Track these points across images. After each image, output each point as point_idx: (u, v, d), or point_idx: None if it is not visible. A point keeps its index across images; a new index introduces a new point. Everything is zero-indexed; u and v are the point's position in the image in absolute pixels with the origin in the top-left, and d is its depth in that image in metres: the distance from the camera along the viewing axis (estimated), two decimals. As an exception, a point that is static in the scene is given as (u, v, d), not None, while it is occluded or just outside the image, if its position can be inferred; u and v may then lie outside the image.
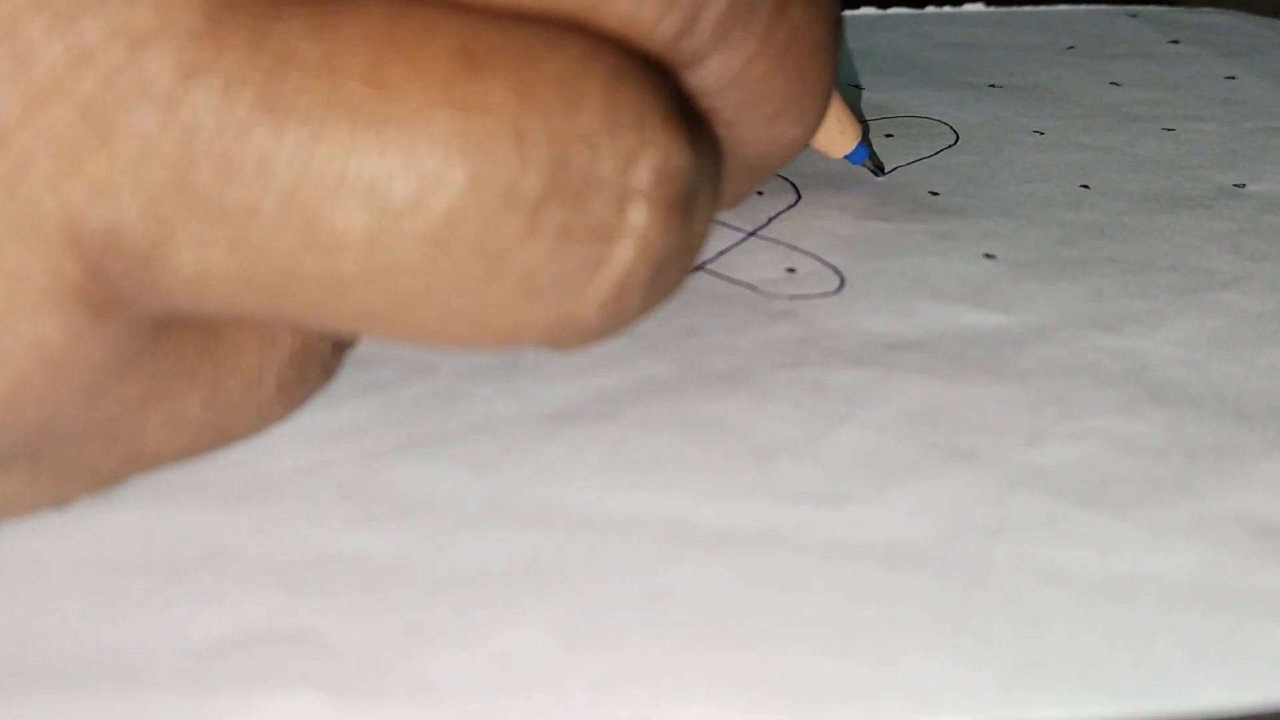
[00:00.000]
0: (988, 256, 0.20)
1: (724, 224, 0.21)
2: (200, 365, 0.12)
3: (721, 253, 0.20)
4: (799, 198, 0.22)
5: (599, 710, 0.12)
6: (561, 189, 0.10)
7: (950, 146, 0.25)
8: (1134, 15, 0.34)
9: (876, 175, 0.23)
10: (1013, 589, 0.14)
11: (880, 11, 0.34)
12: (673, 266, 0.12)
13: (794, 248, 0.21)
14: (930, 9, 0.34)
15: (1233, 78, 0.29)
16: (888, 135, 0.26)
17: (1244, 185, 0.24)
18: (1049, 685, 0.12)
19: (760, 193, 0.22)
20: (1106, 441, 0.16)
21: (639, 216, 0.11)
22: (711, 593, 0.13)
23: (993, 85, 0.29)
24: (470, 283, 0.11)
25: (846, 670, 0.13)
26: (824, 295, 0.19)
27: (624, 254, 0.11)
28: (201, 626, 0.13)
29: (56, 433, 0.12)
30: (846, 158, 0.22)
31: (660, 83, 0.11)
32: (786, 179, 0.23)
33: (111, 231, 0.10)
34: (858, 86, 0.28)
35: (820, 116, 0.15)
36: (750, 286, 0.19)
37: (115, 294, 0.11)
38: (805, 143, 0.15)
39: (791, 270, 0.20)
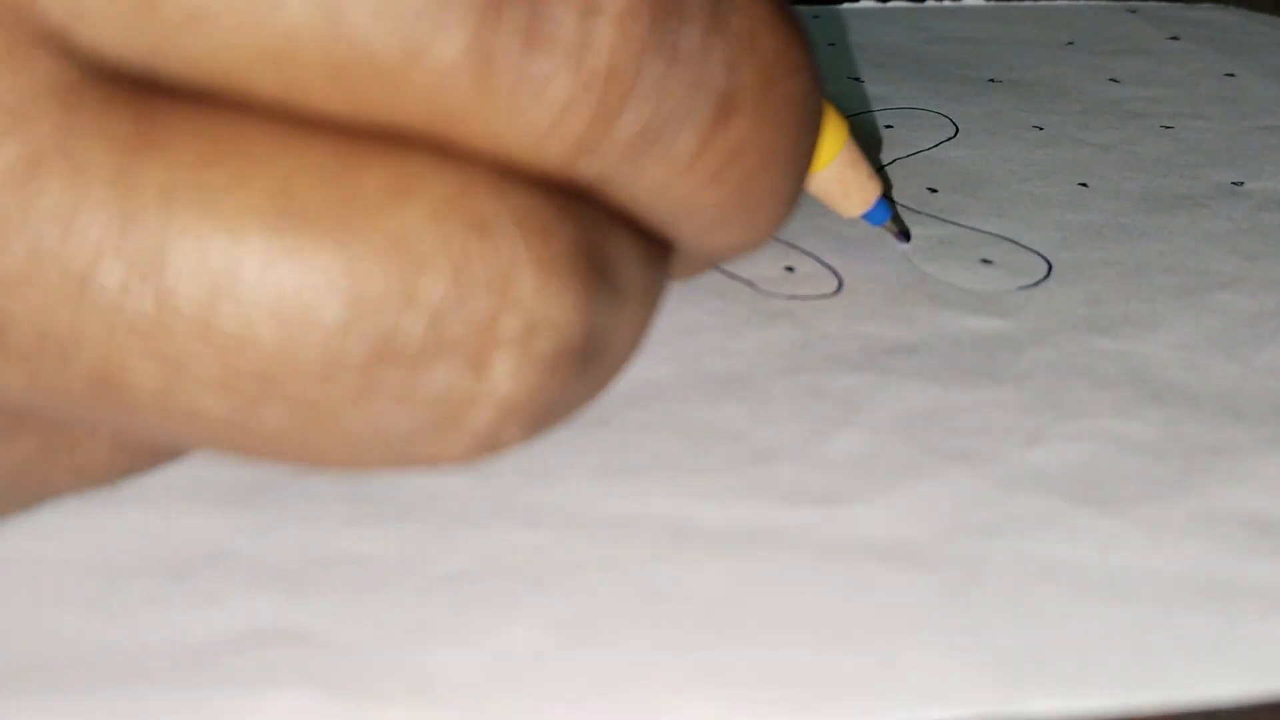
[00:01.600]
0: (985, 262, 0.20)
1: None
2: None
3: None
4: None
5: (597, 710, 0.12)
6: (395, 355, 0.10)
7: (950, 139, 0.25)
8: (1134, 11, 0.34)
9: (900, 242, 0.21)
10: (1010, 586, 0.14)
11: (880, 5, 0.34)
12: (573, 395, 0.11)
13: (793, 246, 0.21)
14: (930, 3, 0.34)
15: (1232, 75, 0.29)
16: (888, 126, 0.26)
17: (1242, 183, 0.24)
18: (1047, 680, 0.13)
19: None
20: (1104, 442, 0.16)
21: (501, 379, 0.10)
22: (709, 592, 0.13)
23: (992, 80, 0.29)
24: (292, 433, 0.10)
25: (845, 668, 0.13)
26: (822, 297, 0.19)
27: (482, 416, 0.10)
28: (202, 627, 0.13)
29: None
30: (865, 218, 0.20)
31: (545, 220, 0.10)
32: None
33: None
34: (858, 79, 0.28)
35: (778, 220, 0.13)
36: (748, 283, 0.19)
37: None
38: (758, 243, 0.13)
39: (790, 269, 0.20)
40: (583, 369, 0.11)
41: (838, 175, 0.20)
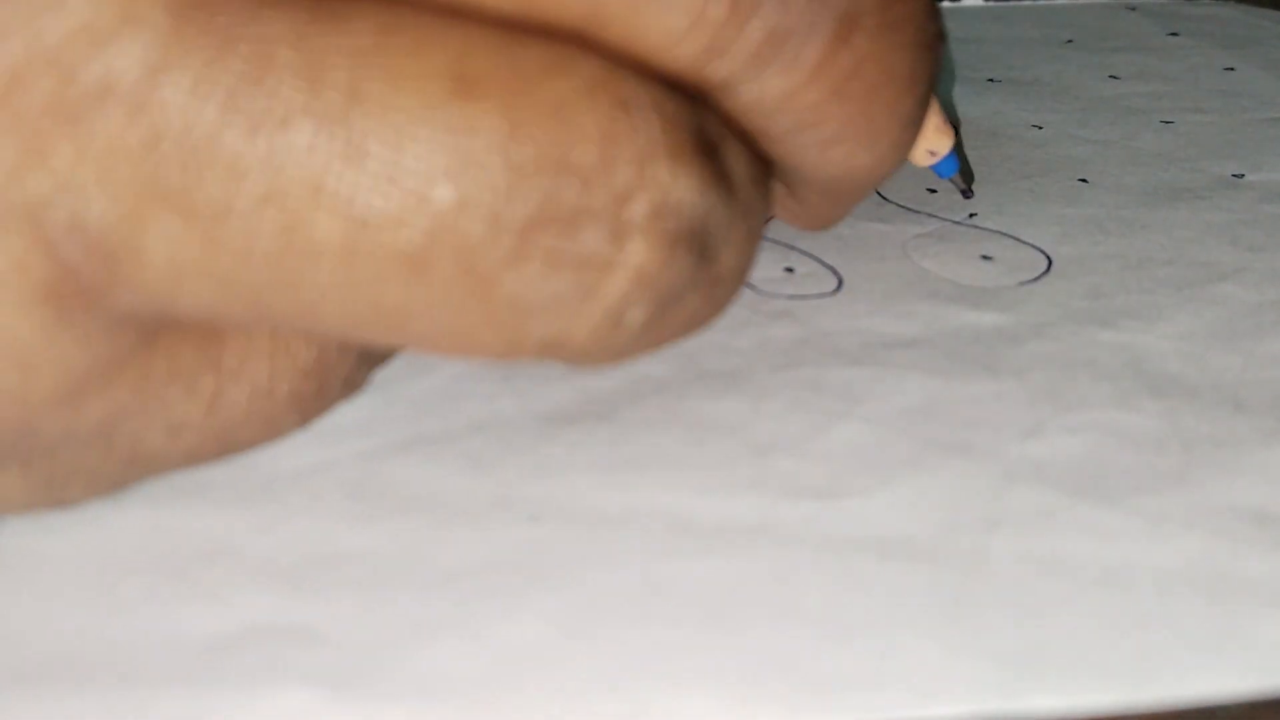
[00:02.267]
0: (985, 258, 0.20)
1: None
2: (201, 374, 0.12)
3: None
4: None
5: (598, 704, 0.12)
6: (550, 217, 0.10)
7: (949, 142, 0.25)
8: (1133, 8, 0.34)
9: (964, 197, 0.22)
10: (1010, 580, 0.14)
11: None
12: (688, 299, 0.12)
13: (792, 247, 0.21)
14: (929, 4, 0.34)
15: (1231, 69, 0.29)
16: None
17: (1243, 175, 0.24)
18: (1046, 675, 0.12)
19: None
20: (1104, 434, 0.16)
21: (635, 250, 0.11)
22: (709, 586, 0.14)
23: (991, 79, 0.29)
24: (453, 299, 0.11)
25: (844, 662, 0.13)
26: (822, 296, 0.19)
27: (616, 285, 0.11)
28: (203, 625, 0.13)
29: (42, 435, 0.11)
30: (933, 169, 0.21)
31: (676, 112, 0.11)
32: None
33: (76, 224, 0.10)
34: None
35: (900, 145, 0.14)
36: (749, 285, 0.19)
37: (86, 291, 0.10)
38: (882, 171, 0.14)
39: (790, 270, 0.20)
40: (698, 265, 0.11)
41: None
